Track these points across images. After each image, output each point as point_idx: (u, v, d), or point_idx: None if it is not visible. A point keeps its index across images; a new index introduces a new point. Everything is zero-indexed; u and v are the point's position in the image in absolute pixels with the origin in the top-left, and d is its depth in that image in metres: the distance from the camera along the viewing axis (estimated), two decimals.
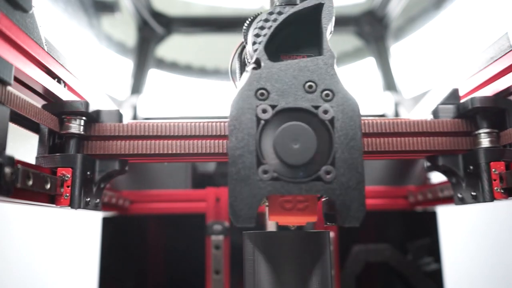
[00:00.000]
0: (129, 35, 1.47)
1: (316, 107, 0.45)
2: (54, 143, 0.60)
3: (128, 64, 1.43)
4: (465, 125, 0.62)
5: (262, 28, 0.50)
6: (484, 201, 0.60)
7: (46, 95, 0.56)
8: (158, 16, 1.46)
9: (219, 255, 0.91)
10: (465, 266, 1.72)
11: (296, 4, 0.50)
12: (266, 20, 0.50)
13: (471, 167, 0.61)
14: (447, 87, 0.72)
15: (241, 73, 0.61)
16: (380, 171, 1.10)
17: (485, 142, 0.60)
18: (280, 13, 0.50)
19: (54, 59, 0.55)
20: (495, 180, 0.58)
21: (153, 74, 1.44)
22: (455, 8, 1.39)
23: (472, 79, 0.66)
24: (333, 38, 0.53)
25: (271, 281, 0.48)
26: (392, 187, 1.01)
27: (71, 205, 0.56)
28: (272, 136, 0.44)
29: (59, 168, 0.56)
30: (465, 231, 1.77)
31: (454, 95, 0.67)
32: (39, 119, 0.53)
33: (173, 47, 1.54)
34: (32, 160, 0.56)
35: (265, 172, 0.44)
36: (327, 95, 0.46)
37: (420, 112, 0.89)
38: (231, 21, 1.51)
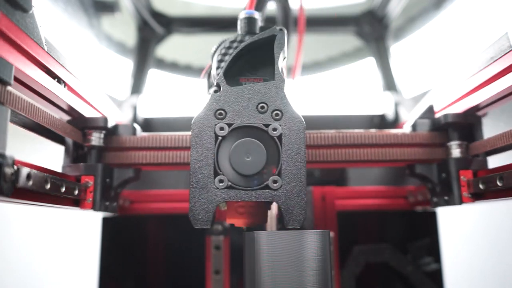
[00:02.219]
0: (129, 35, 1.47)
1: (267, 125, 0.53)
2: (77, 154, 0.69)
3: (128, 64, 1.43)
4: (439, 137, 0.70)
5: (225, 54, 0.58)
6: (454, 204, 0.67)
7: (69, 110, 0.63)
8: (158, 16, 1.46)
9: (219, 255, 0.91)
10: (465, 266, 1.72)
11: (255, 33, 0.58)
12: (229, 47, 0.58)
13: (444, 175, 0.69)
14: (446, 87, 0.74)
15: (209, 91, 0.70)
16: (380, 171, 1.10)
17: (455, 152, 0.68)
18: (241, 41, 0.58)
19: (54, 59, 0.55)
20: (463, 186, 0.66)
21: (153, 74, 1.44)
22: (455, 8, 1.39)
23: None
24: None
25: (271, 281, 0.48)
26: (392, 187, 1.01)
27: (94, 208, 0.63)
28: (228, 150, 0.52)
29: (82, 176, 0.64)
30: (465, 231, 1.77)
31: (430, 111, 0.77)
32: (66, 133, 0.61)
33: (173, 47, 1.54)
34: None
35: (221, 181, 0.51)
36: (276, 114, 0.53)
37: (414, 117, 0.90)
38: (231, 21, 1.50)
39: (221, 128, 0.52)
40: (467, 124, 0.69)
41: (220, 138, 0.52)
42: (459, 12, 1.39)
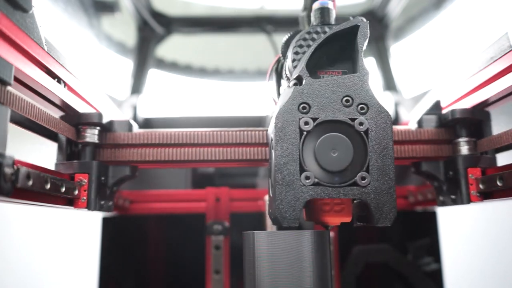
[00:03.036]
0: (129, 35, 1.47)
1: (353, 120, 0.50)
2: (71, 151, 0.66)
3: (128, 64, 1.43)
4: (446, 134, 0.68)
5: (301, 46, 0.55)
6: (462, 203, 0.64)
7: (64, 106, 0.61)
8: (158, 16, 1.46)
9: (219, 255, 0.91)
10: (465, 266, 1.72)
11: (330, 24, 0.56)
12: (305, 39, 0.55)
13: (451, 173, 0.66)
14: (453, 82, 0.73)
15: (277, 85, 0.68)
16: None
17: (463, 149, 0.66)
18: (317, 32, 0.55)
19: (54, 59, 0.55)
20: (471, 184, 0.64)
21: (153, 74, 1.44)
22: (455, 8, 1.39)
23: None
24: None
25: (271, 281, 0.48)
26: None
27: (88, 207, 0.61)
28: (313, 145, 0.50)
29: (76, 174, 0.62)
30: (465, 231, 1.77)
31: (436, 106, 0.74)
32: (58, 129, 0.59)
33: (173, 47, 1.54)
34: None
35: (307, 178, 0.49)
36: (362, 108, 0.51)
37: (420, 112, 0.90)
38: (231, 21, 1.51)
39: (306, 123, 0.50)
40: (475, 120, 0.66)
41: (305, 133, 0.50)
42: (459, 12, 1.39)
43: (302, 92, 0.51)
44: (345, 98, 0.51)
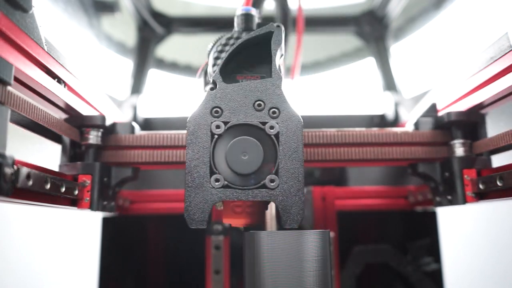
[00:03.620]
0: (129, 35, 1.47)
1: (264, 123, 0.51)
2: (75, 152, 0.67)
3: (128, 64, 1.43)
4: (442, 136, 0.69)
5: (221, 51, 0.56)
6: (458, 204, 0.65)
7: (68, 109, 0.62)
8: (158, 16, 1.46)
9: (219, 255, 0.91)
10: (465, 266, 1.72)
11: (252, 30, 0.57)
12: (225, 44, 0.56)
13: (447, 174, 0.67)
14: (449, 85, 0.74)
15: (204, 88, 0.69)
16: (380, 171, 1.10)
17: (459, 151, 0.67)
18: (237, 38, 0.56)
19: (54, 59, 0.55)
20: (467, 185, 0.65)
21: (153, 74, 1.44)
22: (455, 8, 1.39)
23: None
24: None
25: (271, 281, 0.48)
26: (392, 187, 1.01)
27: (91, 207, 0.62)
28: (224, 148, 0.51)
29: (80, 175, 0.63)
30: (465, 231, 1.77)
31: (432, 109, 0.75)
32: (62, 131, 0.60)
33: (173, 47, 1.54)
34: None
35: (217, 180, 0.50)
36: (273, 112, 0.52)
37: (417, 114, 0.90)
38: (231, 21, 1.50)
39: (217, 126, 0.51)
40: (470, 122, 0.67)
41: (216, 136, 0.51)
42: (459, 12, 1.39)
43: (215, 96, 0.52)
44: (257, 102, 0.52)
